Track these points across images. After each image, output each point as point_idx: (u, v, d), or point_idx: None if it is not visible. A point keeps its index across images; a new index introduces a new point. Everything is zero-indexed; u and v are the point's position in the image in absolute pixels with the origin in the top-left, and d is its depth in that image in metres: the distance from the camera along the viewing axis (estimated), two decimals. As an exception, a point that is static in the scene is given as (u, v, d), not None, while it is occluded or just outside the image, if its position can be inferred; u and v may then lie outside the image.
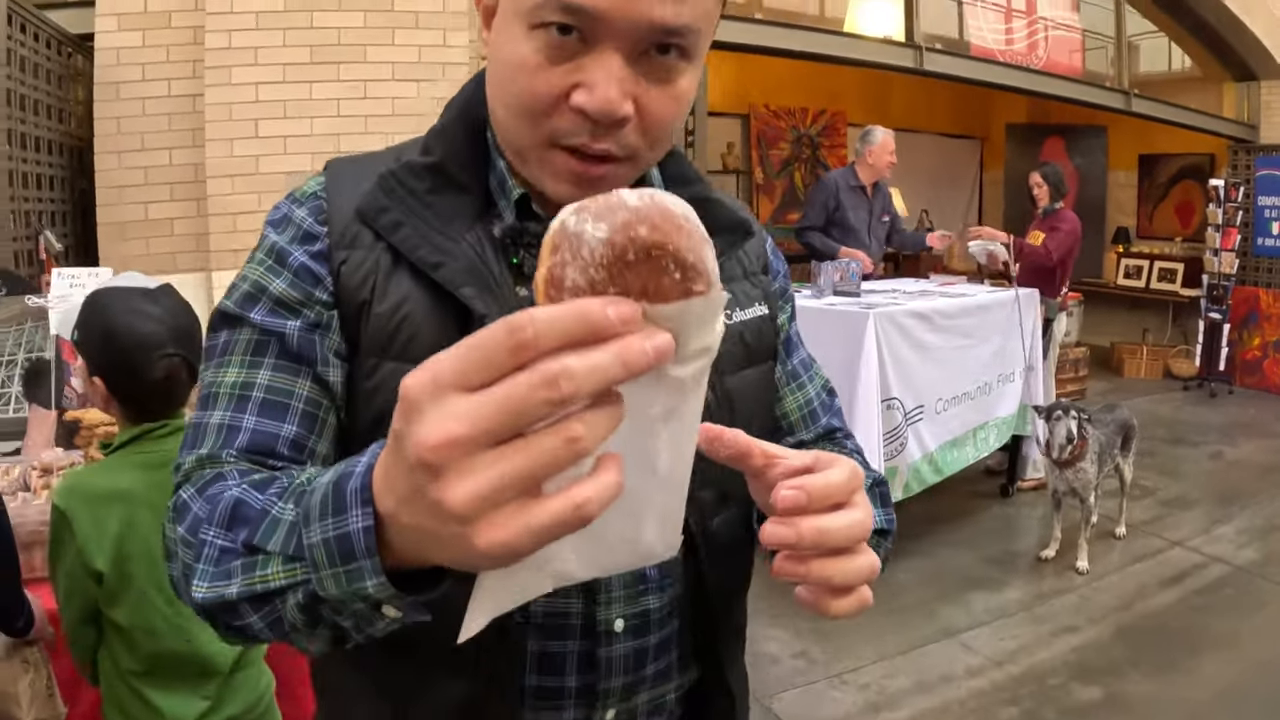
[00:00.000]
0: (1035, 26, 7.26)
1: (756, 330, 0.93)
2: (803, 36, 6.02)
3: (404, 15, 4.21)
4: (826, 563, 0.64)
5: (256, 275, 0.82)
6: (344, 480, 0.54)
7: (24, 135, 3.82)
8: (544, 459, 0.44)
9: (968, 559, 4.26)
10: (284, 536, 0.61)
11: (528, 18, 0.72)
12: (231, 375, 0.79)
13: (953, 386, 4.27)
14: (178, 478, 0.77)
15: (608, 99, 0.71)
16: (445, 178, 0.83)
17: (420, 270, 0.79)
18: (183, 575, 0.68)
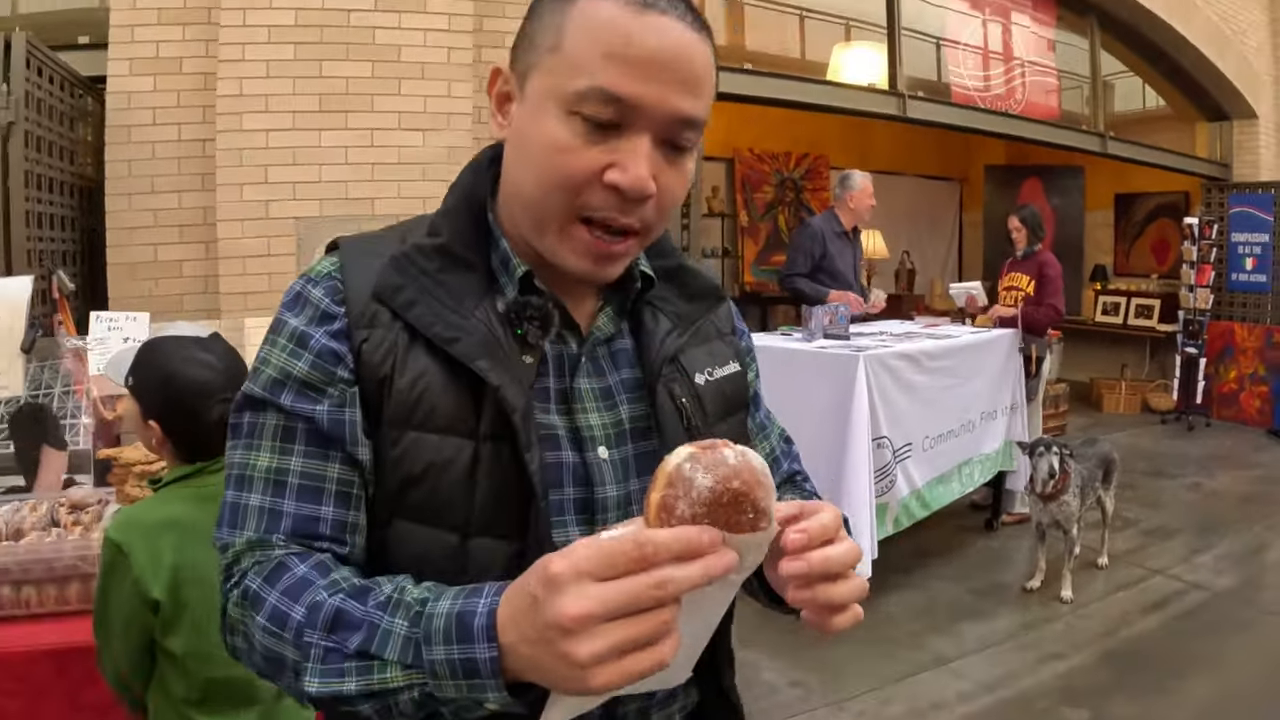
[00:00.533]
0: (1014, 71, 7.48)
1: (733, 384, 1.06)
2: (789, 86, 6.22)
3: (410, 66, 4.35)
4: (829, 587, 0.78)
5: (280, 361, 0.90)
6: (467, 616, 0.72)
7: (39, 176, 3.92)
8: (646, 633, 0.66)
9: (956, 591, 4.39)
10: (400, 648, 0.75)
11: (567, 104, 0.83)
12: (264, 460, 0.88)
13: (939, 424, 4.41)
14: (228, 557, 0.87)
15: (640, 177, 0.83)
16: (453, 257, 0.92)
17: (436, 345, 0.87)
18: (275, 663, 0.81)
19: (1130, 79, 9.09)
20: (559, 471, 0.90)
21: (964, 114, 7.05)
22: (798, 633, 3.87)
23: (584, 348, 0.96)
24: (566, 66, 0.83)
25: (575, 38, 0.84)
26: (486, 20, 4.67)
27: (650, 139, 0.84)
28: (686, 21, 0.85)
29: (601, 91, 0.82)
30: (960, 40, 7.12)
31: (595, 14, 0.83)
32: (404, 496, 0.88)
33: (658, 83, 0.82)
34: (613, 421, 0.95)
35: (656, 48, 0.82)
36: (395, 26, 4.32)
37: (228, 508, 0.89)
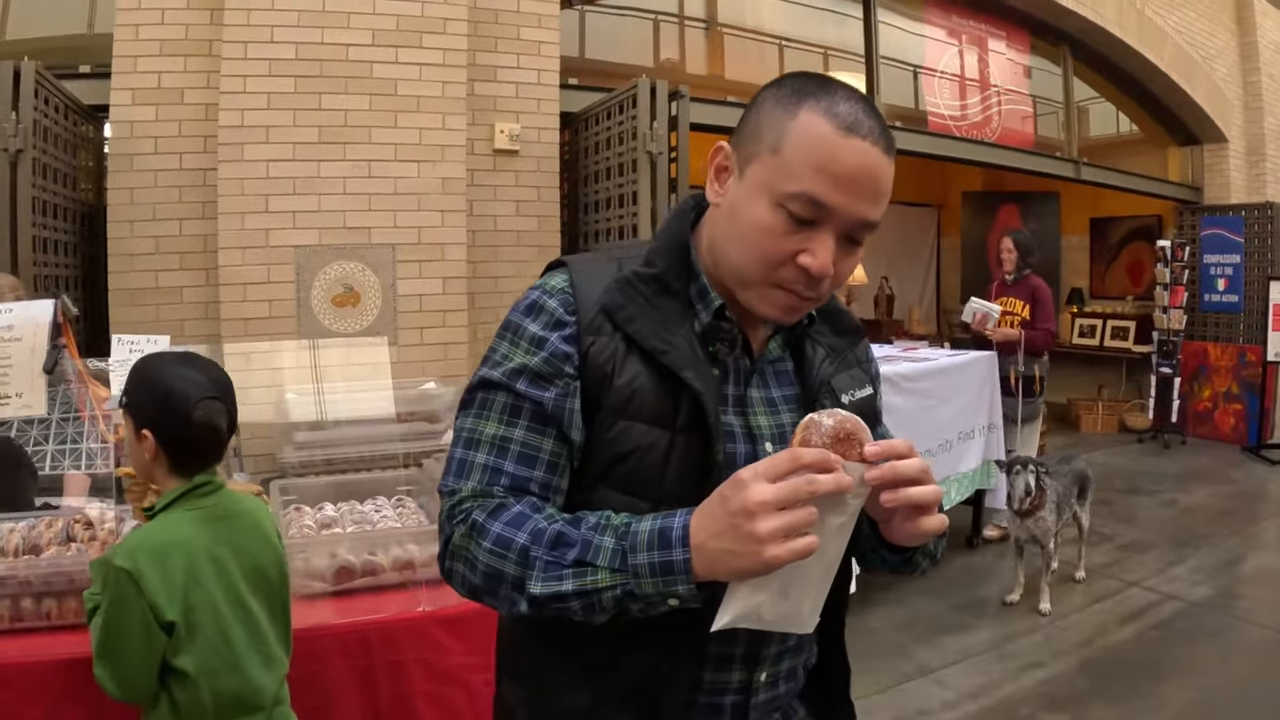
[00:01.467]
0: (989, 99, 7.69)
1: (869, 405, 1.28)
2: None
3: (407, 100, 4.48)
4: (910, 490, 0.98)
5: (520, 356, 1.12)
6: (666, 530, 0.97)
7: (45, 203, 4.02)
8: (802, 519, 0.92)
9: (937, 606, 4.52)
10: (609, 557, 0.99)
11: (778, 199, 1.05)
12: (491, 428, 1.12)
13: (918, 444, 4.50)
14: (453, 500, 1.11)
15: (825, 265, 1.05)
16: (664, 286, 1.14)
17: (648, 354, 1.10)
18: (494, 578, 1.05)
19: (1105, 104, 9.35)
20: (735, 460, 1.12)
21: (940, 142, 7.24)
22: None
23: (757, 365, 1.21)
24: (783, 169, 1.04)
25: (794, 147, 1.04)
26: (479, 55, 4.82)
27: (835, 234, 1.06)
28: (880, 146, 1.05)
29: (809, 196, 1.03)
30: (937, 68, 7.32)
31: (812, 130, 1.04)
32: (611, 470, 1.11)
33: (851, 195, 1.03)
34: (776, 424, 1.19)
35: (856, 167, 1.03)
36: (392, 61, 4.46)
37: (455, 462, 1.13)
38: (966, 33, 7.56)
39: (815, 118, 1.04)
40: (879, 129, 1.05)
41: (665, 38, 6.70)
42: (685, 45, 6.86)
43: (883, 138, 1.05)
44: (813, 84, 1.08)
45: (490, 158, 4.96)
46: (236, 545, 1.83)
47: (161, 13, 4.33)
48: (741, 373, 1.19)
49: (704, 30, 6.82)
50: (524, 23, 4.98)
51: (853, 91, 1.08)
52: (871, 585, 4.54)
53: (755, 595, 0.97)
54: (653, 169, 4.49)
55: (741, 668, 1.16)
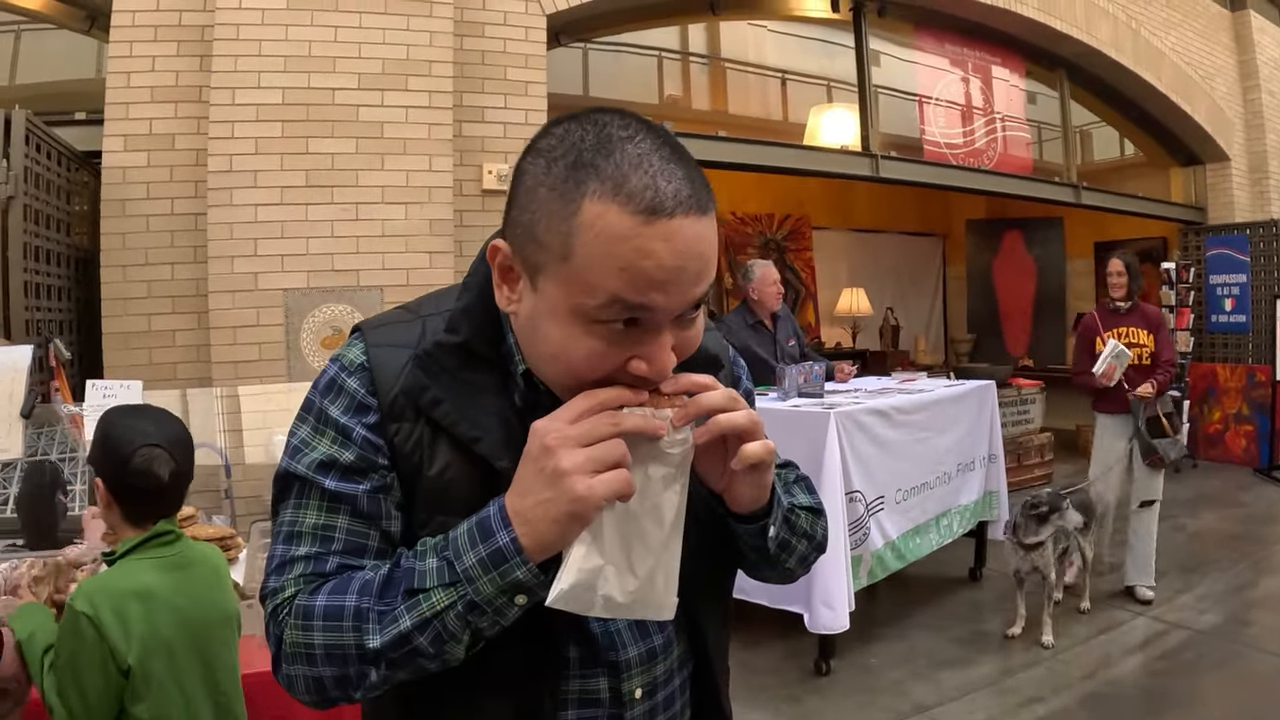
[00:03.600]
0: (986, 125, 7.69)
1: None
2: (763, 151, 6.41)
3: (393, 142, 4.51)
4: (719, 420, 0.94)
5: (324, 447, 0.99)
6: (483, 520, 0.90)
7: (37, 248, 4.05)
8: (609, 453, 0.86)
9: (937, 640, 4.45)
10: (435, 573, 0.90)
11: (588, 317, 0.88)
12: (312, 518, 0.99)
13: (913, 477, 4.51)
14: (279, 600, 0.97)
15: (664, 369, 0.91)
16: (472, 355, 1.00)
17: (457, 440, 0.97)
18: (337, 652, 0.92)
19: (1108, 128, 9.32)
20: None
21: (937, 171, 7.23)
22: (775, 689, 3.96)
23: None
24: (581, 283, 0.86)
25: (587, 252, 0.85)
26: (466, 96, 4.86)
27: (665, 327, 0.90)
28: (694, 211, 0.87)
29: (622, 302, 0.86)
30: (932, 96, 7.33)
31: (604, 228, 0.84)
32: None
33: (676, 285, 0.87)
34: None
35: (670, 257, 0.85)
36: (378, 104, 4.50)
37: (276, 560, 1.00)
38: (961, 60, 7.57)
39: (604, 209, 0.84)
40: (688, 187, 0.87)
41: (666, 74, 6.76)
42: (687, 81, 6.91)
43: (695, 197, 0.87)
44: (587, 146, 0.87)
45: (479, 198, 4.98)
46: (195, 595, 1.84)
47: (152, 60, 4.38)
48: None
49: (704, 65, 6.87)
50: (511, 63, 5.02)
51: (639, 135, 0.89)
52: (868, 620, 4.49)
53: (591, 559, 0.88)
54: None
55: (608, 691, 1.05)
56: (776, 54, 7.14)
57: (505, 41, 5.02)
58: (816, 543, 1.18)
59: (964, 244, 11.30)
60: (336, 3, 4.42)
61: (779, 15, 7.02)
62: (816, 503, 1.20)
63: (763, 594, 4.15)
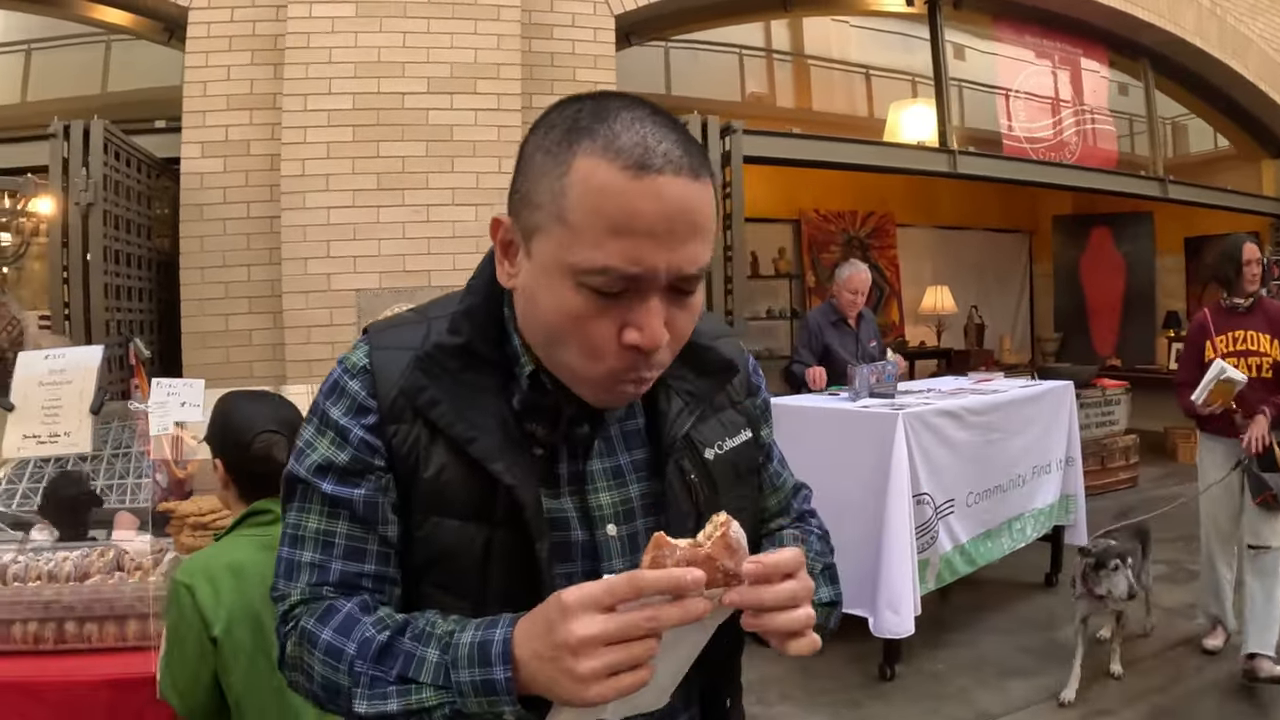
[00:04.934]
0: (1072, 118, 7.47)
1: (744, 454, 1.12)
2: (835, 148, 6.32)
3: (462, 145, 4.58)
4: (775, 616, 0.88)
5: (325, 449, 1.00)
6: (487, 645, 0.86)
7: (117, 252, 4.23)
8: (635, 657, 0.80)
9: (1008, 646, 4.32)
10: (432, 673, 0.88)
11: (577, 277, 0.87)
12: (313, 522, 1.00)
13: (983, 480, 4.39)
14: (285, 605, 1.00)
15: (654, 335, 0.88)
16: (473, 356, 0.98)
17: (455, 442, 0.96)
18: (330, 690, 0.94)
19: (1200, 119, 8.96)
20: (568, 550, 0.99)
21: (1017, 166, 7.05)
22: (837, 693, 3.90)
23: (598, 430, 1.03)
24: (572, 242, 0.86)
25: (578, 211, 0.86)
26: (535, 98, 4.87)
27: (659, 294, 0.88)
28: (685, 172, 0.86)
29: (610, 270, 0.85)
30: (1012, 89, 7.15)
31: (594, 182, 0.85)
32: (429, 570, 0.99)
33: (665, 249, 0.85)
34: (621, 500, 1.02)
35: (659, 215, 0.85)
36: (448, 108, 4.57)
37: (283, 563, 1.02)
38: (1041, 51, 7.36)
39: (594, 164, 0.85)
40: (679, 149, 0.87)
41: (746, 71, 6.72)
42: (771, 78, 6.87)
43: (687, 159, 0.87)
44: (584, 114, 0.88)
45: (549, 198, 5.00)
46: None
47: (227, 69, 4.54)
48: (578, 443, 1.02)
49: (783, 62, 6.82)
50: (580, 64, 5.04)
51: (637, 106, 0.89)
52: (937, 624, 4.39)
53: (586, 715, 0.87)
54: (705, 205, 4.47)
55: None
56: (857, 49, 7.05)
57: (574, 43, 5.04)
58: (829, 631, 1.11)
59: (1050, 240, 10.97)
60: (404, 9, 4.50)
61: (853, 10, 6.93)
62: (836, 595, 1.14)
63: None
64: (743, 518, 1.04)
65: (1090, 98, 7.63)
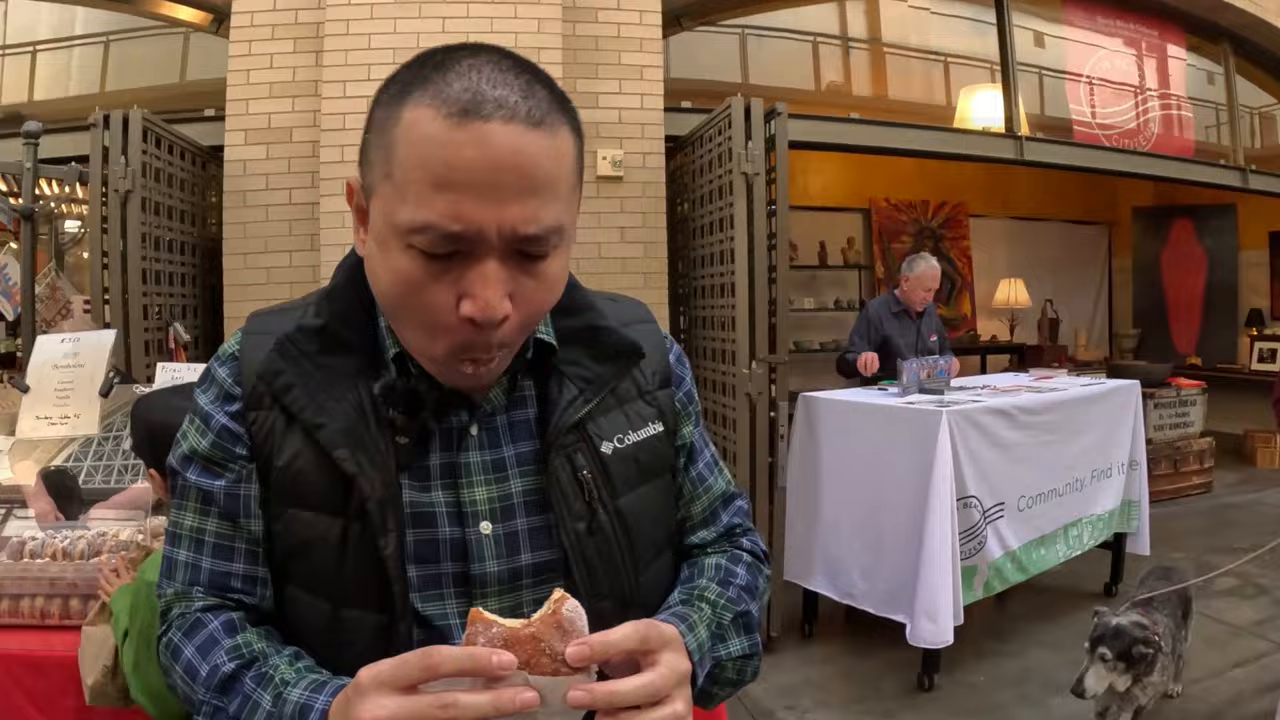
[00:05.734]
0: (1146, 104, 7.13)
1: (650, 449, 1.02)
2: (897, 133, 6.11)
3: (501, 129, 4.50)
4: (633, 716, 0.76)
5: (191, 438, 0.96)
6: (307, 710, 0.81)
7: (156, 238, 4.25)
8: None
9: (1056, 661, 4.09)
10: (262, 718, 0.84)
11: (403, 238, 0.79)
12: (189, 519, 0.96)
13: (1037, 483, 4.17)
14: (162, 605, 0.97)
15: (491, 305, 0.79)
16: (333, 339, 0.92)
17: (312, 430, 0.90)
18: (185, 701, 0.93)
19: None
20: (434, 548, 0.91)
21: (1087, 154, 6.74)
22: (870, 700, 3.75)
23: (474, 420, 0.95)
24: (397, 198, 0.80)
25: (403, 163, 0.79)
26: (580, 82, 4.79)
27: (497, 261, 0.80)
28: (520, 119, 0.78)
29: (431, 227, 0.78)
30: (1083, 74, 6.84)
31: (417, 130, 0.78)
32: (287, 566, 0.94)
33: (492, 205, 0.77)
34: (500, 495, 0.94)
35: (484, 165, 0.77)
36: (486, 93, 4.49)
37: (164, 561, 0.99)
38: (1114, 34, 7.03)
39: (420, 113, 0.77)
40: (518, 95, 0.78)
41: (802, 56, 6.56)
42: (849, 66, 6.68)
43: (525, 104, 0.78)
44: (427, 66, 0.80)
45: (594, 184, 4.91)
46: None
47: (270, 57, 4.53)
48: (453, 433, 0.94)
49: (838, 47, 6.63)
50: (625, 48, 4.92)
51: (485, 53, 0.81)
52: (982, 634, 4.22)
53: None
54: (749, 191, 4.33)
55: None
56: (932, 35, 6.81)
57: (619, 26, 4.92)
58: (743, 684, 1.03)
59: (1130, 233, 10.53)
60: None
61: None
62: (751, 647, 1.02)
63: (868, 600, 3.97)
64: (649, 533, 0.98)
65: (1165, 83, 7.26)
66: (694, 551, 1.09)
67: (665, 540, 1.05)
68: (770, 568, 1.12)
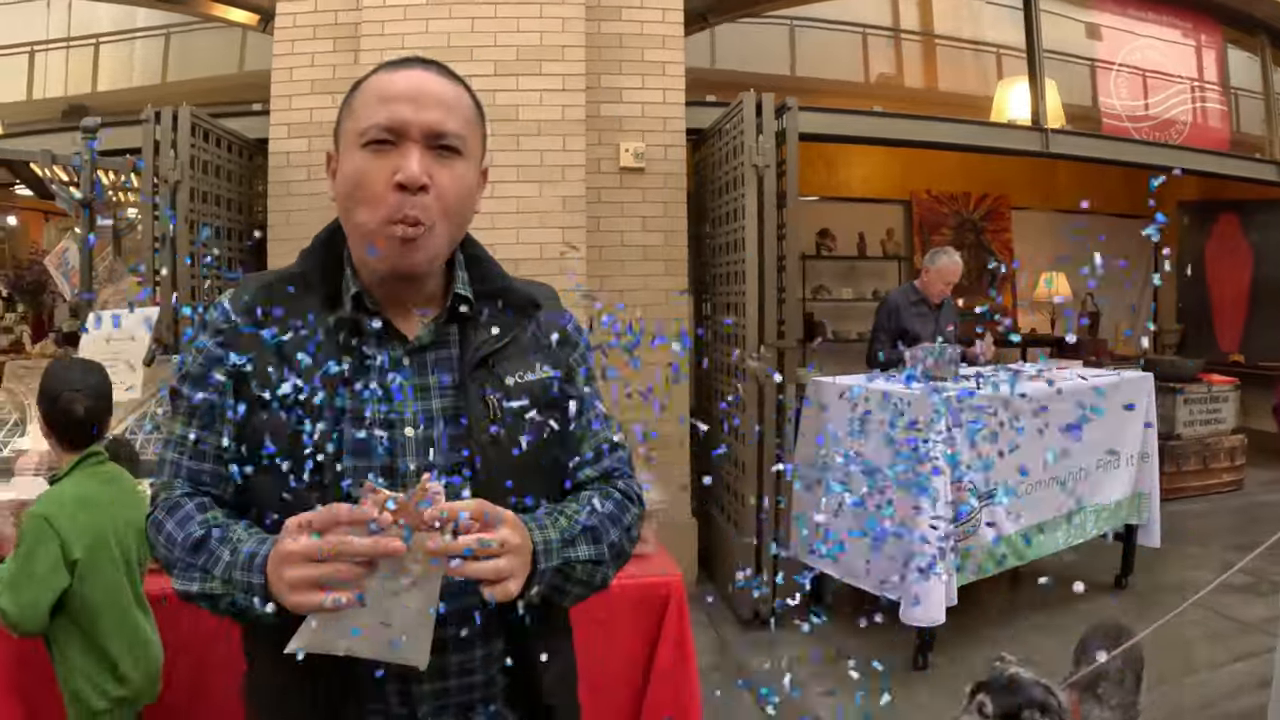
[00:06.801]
0: (1178, 96, 7.10)
1: (543, 386, 1.28)
2: (924, 126, 6.20)
3: (527, 124, 4.70)
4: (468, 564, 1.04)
5: (186, 364, 1.24)
6: (253, 555, 1.09)
7: (204, 225, 4.52)
8: (326, 574, 1.01)
9: (1055, 646, 4.16)
10: (222, 570, 1.12)
11: (358, 142, 1.17)
12: (178, 429, 1.24)
13: (1037, 470, 4.26)
14: (153, 493, 1.26)
15: (412, 173, 1.14)
16: (303, 280, 1.23)
17: (278, 348, 1.17)
18: (165, 565, 1.20)
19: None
20: (366, 445, 1.17)
21: (1115, 146, 6.76)
22: (863, 678, 3.85)
23: (409, 351, 1.23)
24: (354, 120, 1.19)
25: (357, 105, 1.20)
26: (604, 77, 4.99)
27: (419, 148, 1.16)
28: (432, 71, 1.20)
29: (375, 124, 1.16)
30: (1114, 64, 6.84)
31: (370, 84, 1.20)
32: (250, 458, 1.17)
33: (411, 106, 1.16)
34: (423, 409, 1.22)
35: (406, 87, 1.17)
36: (514, 89, 4.70)
37: (158, 461, 1.28)
38: (1145, 23, 7.00)
39: (371, 79, 1.21)
40: (434, 67, 1.20)
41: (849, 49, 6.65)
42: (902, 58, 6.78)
43: (438, 68, 1.21)
44: (382, 66, 1.23)
45: (616, 175, 5.10)
46: (121, 503, 2.27)
47: (311, 56, 4.81)
48: (390, 360, 1.21)
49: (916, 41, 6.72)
50: (647, 45, 5.10)
51: (418, 60, 1.22)
52: (978, 618, 4.33)
53: (325, 632, 1.04)
54: (760, 183, 4.49)
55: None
56: (960, 23, 6.87)
57: (641, 24, 5.10)
58: (595, 587, 1.26)
59: (1175, 227, 10.39)
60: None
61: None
62: (598, 555, 1.25)
63: (866, 579, 4.10)
64: (543, 448, 1.25)
65: (1199, 74, 7.22)
66: (578, 488, 1.32)
67: (556, 466, 1.30)
68: (642, 509, 1.36)
